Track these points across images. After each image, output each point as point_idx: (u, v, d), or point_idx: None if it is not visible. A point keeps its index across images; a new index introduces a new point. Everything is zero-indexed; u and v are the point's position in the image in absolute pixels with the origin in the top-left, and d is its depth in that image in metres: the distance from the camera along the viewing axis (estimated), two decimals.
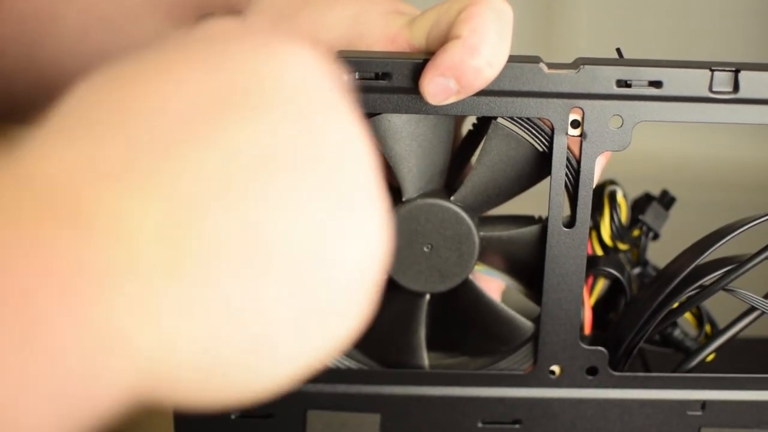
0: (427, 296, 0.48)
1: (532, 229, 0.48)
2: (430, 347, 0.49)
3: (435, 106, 0.44)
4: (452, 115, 0.46)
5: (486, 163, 0.46)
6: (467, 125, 0.51)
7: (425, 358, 0.49)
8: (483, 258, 0.49)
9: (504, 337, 0.49)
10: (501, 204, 0.48)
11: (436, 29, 0.44)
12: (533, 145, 0.46)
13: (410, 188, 0.47)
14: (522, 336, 0.49)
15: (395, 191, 0.47)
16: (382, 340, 0.49)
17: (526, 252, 0.48)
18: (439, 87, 0.42)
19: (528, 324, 0.49)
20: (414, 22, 0.45)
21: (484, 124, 0.47)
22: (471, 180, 0.47)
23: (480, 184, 0.47)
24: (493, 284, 0.50)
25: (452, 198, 0.47)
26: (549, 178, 0.46)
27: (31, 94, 0.61)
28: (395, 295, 0.49)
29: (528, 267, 0.49)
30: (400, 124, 0.45)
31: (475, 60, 0.41)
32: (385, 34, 0.45)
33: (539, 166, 0.46)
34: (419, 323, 0.49)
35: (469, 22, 0.42)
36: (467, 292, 0.48)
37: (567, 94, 0.44)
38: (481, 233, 0.47)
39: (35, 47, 0.59)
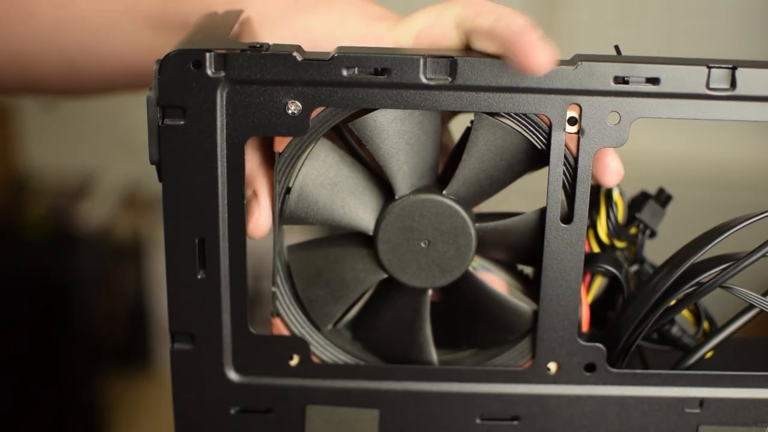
0: (429, 292, 0.49)
1: (528, 216, 0.48)
2: (437, 343, 0.49)
3: (433, 102, 0.44)
4: (438, 111, 0.46)
5: (474, 154, 0.47)
6: (455, 122, 0.51)
7: (433, 354, 0.49)
8: (482, 251, 0.49)
9: (508, 326, 0.49)
10: (494, 194, 0.48)
11: (427, 32, 0.46)
12: (521, 134, 0.46)
13: (402, 186, 0.47)
14: (526, 324, 0.49)
15: (389, 189, 0.47)
16: (389, 340, 0.50)
17: (523, 240, 0.48)
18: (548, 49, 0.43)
19: (531, 312, 0.49)
20: (399, 24, 0.48)
21: None
22: (461, 172, 0.47)
23: (471, 176, 0.47)
24: (495, 281, 0.50)
25: (444, 192, 0.47)
26: (546, 173, 0.46)
27: (5, 82, 0.62)
28: (397, 293, 0.49)
29: (526, 255, 0.49)
30: (386, 123, 0.46)
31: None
32: (371, 33, 0.47)
33: (529, 154, 0.47)
34: (424, 319, 0.49)
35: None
36: (468, 284, 0.48)
37: (565, 90, 0.44)
38: (477, 225, 0.47)
39: (9, 38, 0.60)
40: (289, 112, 0.44)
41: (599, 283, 0.51)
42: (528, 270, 0.52)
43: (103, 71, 0.60)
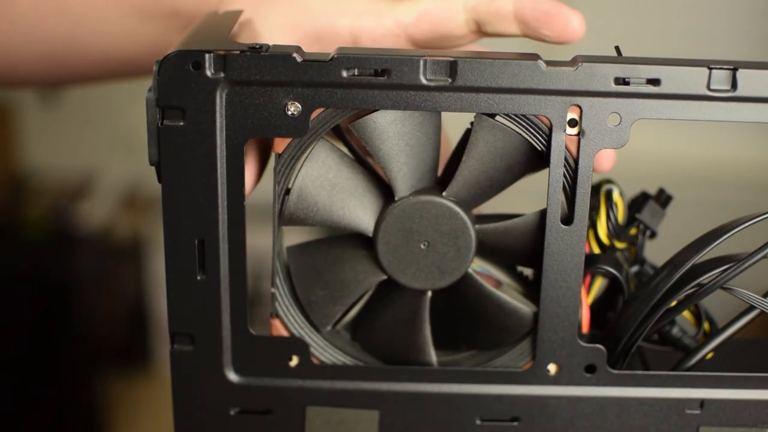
0: (429, 293, 0.49)
1: (528, 218, 0.48)
2: (437, 345, 0.49)
3: (433, 103, 0.44)
4: (438, 112, 0.46)
5: (474, 155, 0.47)
6: (456, 123, 0.51)
7: (433, 356, 0.49)
8: (481, 253, 0.49)
9: (508, 327, 0.49)
10: (494, 196, 0.48)
11: (432, 14, 0.48)
12: (521, 135, 0.46)
13: (402, 187, 0.47)
14: (525, 326, 0.49)
15: (389, 191, 0.47)
16: (389, 341, 0.50)
17: (523, 242, 0.48)
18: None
19: (531, 313, 0.49)
20: (401, 3, 0.48)
21: None
22: (461, 174, 0.47)
23: (471, 178, 0.47)
24: (495, 283, 0.50)
25: (444, 193, 0.47)
26: (546, 175, 0.46)
27: None
28: (397, 295, 0.49)
29: (526, 257, 0.49)
30: (386, 124, 0.46)
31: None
32: (371, 9, 0.47)
33: (529, 156, 0.46)
34: (423, 321, 0.49)
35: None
36: (468, 286, 0.48)
37: (565, 91, 0.44)
38: (477, 226, 0.47)
39: None
40: (289, 113, 0.44)
41: (599, 284, 0.50)
42: (528, 272, 0.52)
43: (87, 61, 0.60)
